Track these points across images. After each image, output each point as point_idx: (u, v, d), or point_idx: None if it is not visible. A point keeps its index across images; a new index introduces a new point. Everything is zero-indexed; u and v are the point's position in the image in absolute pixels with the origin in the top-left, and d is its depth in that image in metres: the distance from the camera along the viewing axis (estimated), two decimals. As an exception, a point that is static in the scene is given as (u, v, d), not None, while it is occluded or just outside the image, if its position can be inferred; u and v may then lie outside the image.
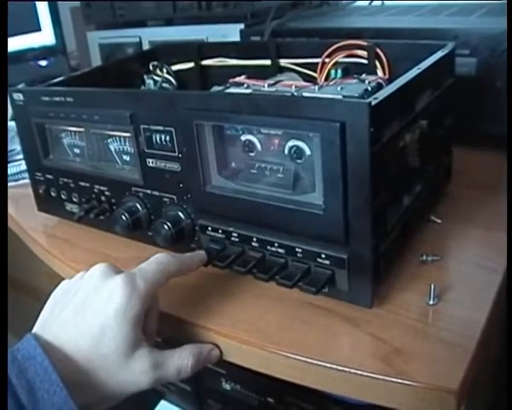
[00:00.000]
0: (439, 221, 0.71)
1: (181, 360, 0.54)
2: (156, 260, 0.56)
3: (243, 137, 0.58)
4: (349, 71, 0.76)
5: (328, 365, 0.51)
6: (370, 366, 0.50)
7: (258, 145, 0.58)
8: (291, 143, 0.55)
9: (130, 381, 0.51)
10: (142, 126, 0.64)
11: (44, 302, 0.57)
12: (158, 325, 0.57)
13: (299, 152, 0.55)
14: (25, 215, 0.89)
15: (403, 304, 0.57)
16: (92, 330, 0.50)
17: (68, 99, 0.71)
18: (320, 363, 0.52)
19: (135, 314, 0.51)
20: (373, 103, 0.49)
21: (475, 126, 0.85)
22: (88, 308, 0.51)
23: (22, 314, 1.77)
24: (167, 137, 0.63)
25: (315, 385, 0.55)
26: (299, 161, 0.55)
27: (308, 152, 0.54)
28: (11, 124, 1.09)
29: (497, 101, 0.85)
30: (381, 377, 0.49)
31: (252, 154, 0.58)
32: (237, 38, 1.11)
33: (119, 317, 0.50)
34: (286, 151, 0.56)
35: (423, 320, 0.55)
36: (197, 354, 0.55)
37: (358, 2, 1.33)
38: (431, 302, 0.56)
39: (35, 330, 0.53)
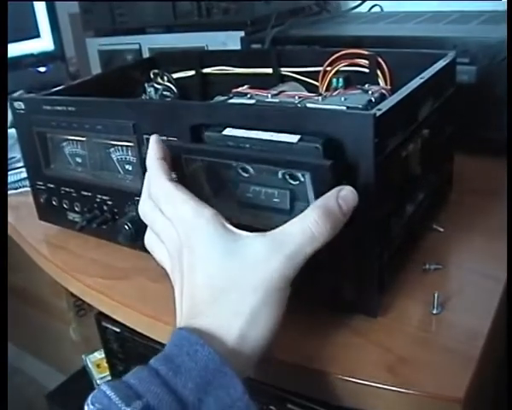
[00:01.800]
0: (442, 229, 0.71)
1: (304, 220, 0.46)
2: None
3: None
4: (350, 80, 0.76)
5: (334, 374, 0.52)
6: (375, 375, 0.50)
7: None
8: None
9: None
10: (145, 136, 0.65)
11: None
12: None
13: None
14: (25, 224, 0.89)
15: (407, 313, 0.58)
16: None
17: (70, 108, 0.71)
18: (325, 372, 0.52)
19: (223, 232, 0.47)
20: (377, 115, 0.49)
21: (476, 133, 0.85)
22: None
23: (22, 322, 1.78)
24: (171, 147, 0.63)
25: (319, 395, 0.55)
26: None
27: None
28: (11, 131, 1.09)
29: (498, 108, 0.85)
30: (386, 386, 0.49)
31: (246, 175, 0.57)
32: (238, 45, 1.11)
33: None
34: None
35: (427, 329, 0.55)
36: (322, 205, 0.47)
37: (357, 9, 1.33)
38: (434, 311, 0.57)
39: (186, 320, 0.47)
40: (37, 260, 0.83)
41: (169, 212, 0.50)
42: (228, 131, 0.54)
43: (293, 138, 0.50)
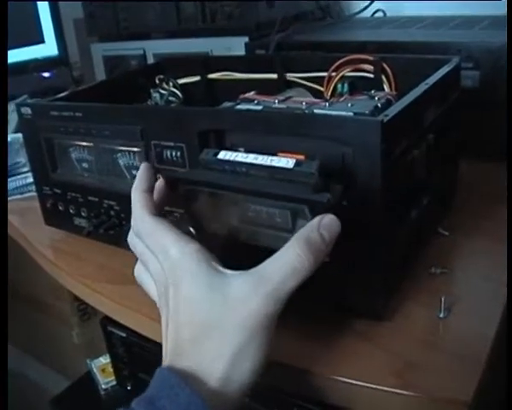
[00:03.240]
0: (447, 233, 0.71)
1: (286, 254, 0.45)
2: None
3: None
4: (355, 85, 0.76)
5: (341, 379, 0.52)
6: (383, 379, 0.51)
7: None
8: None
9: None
10: (152, 142, 0.65)
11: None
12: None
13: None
14: (31, 229, 0.90)
15: (413, 317, 0.58)
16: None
17: (77, 114, 0.72)
18: (333, 377, 0.52)
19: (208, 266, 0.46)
20: (384, 121, 0.49)
21: (480, 138, 0.86)
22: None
23: (25, 326, 1.78)
24: (178, 153, 0.63)
25: (327, 400, 0.55)
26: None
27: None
28: (16, 136, 1.10)
29: (501, 112, 0.86)
30: (394, 390, 0.50)
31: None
32: (242, 51, 1.12)
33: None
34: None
35: (434, 333, 0.56)
36: (304, 237, 0.46)
37: (360, 14, 1.33)
38: (441, 315, 0.57)
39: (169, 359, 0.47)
40: (44, 264, 0.83)
41: (153, 247, 0.49)
42: (222, 155, 0.52)
43: (290, 164, 0.48)
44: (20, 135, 0.88)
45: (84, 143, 0.74)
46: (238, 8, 1.16)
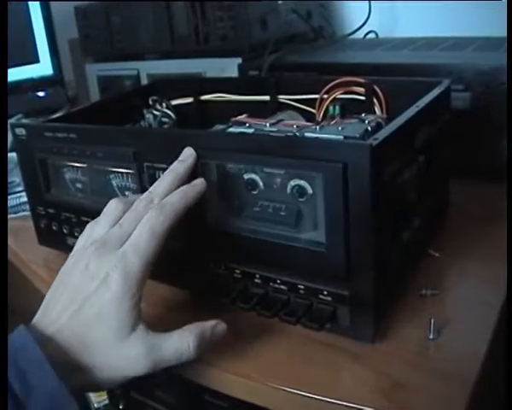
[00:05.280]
0: (438, 255, 0.72)
1: (181, 342, 0.53)
2: (147, 226, 0.54)
3: (246, 176, 0.59)
4: (346, 107, 0.77)
5: (330, 400, 0.52)
6: (372, 400, 0.51)
7: (261, 184, 0.58)
8: (293, 182, 0.56)
9: (126, 365, 0.52)
10: (145, 164, 0.65)
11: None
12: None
13: (301, 191, 0.56)
14: (25, 248, 0.90)
15: (403, 338, 0.58)
16: (88, 317, 0.51)
17: (71, 135, 0.72)
18: (322, 398, 0.52)
19: (130, 298, 0.51)
20: (374, 144, 0.50)
21: (471, 159, 0.86)
22: (84, 295, 0.52)
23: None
24: (171, 175, 0.63)
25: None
26: (301, 199, 0.56)
27: (310, 191, 0.55)
28: (10, 155, 1.10)
29: (492, 134, 0.87)
30: (382, 411, 0.50)
31: (254, 192, 0.59)
32: (235, 72, 1.12)
33: (114, 304, 0.51)
34: (288, 190, 0.56)
35: (424, 354, 0.56)
36: (199, 333, 0.54)
37: (353, 36, 1.35)
38: (431, 336, 0.57)
39: (38, 313, 0.55)
40: (37, 283, 0.83)
41: (132, 223, 0.55)
42: None
43: None
44: (14, 154, 0.88)
45: (78, 164, 0.75)
46: (231, 30, 1.17)
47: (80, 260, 0.55)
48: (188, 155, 0.60)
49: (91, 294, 0.52)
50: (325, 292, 0.56)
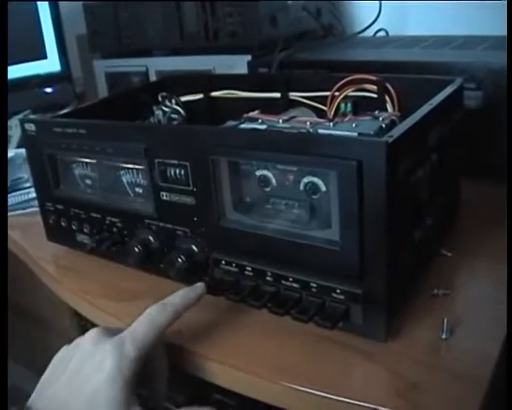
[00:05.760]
0: (450, 254, 0.71)
1: None
2: (147, 318, 0.57)
3: (258, 173, 0.59)
4: (358, 105, 0.77)
5: (344, 399, 0.52)
6: (387, 400, 0.50)
7: (274, 180, 0.58)
8: (306, 179, 0.55)
9: None
10: (156, 160, 0.65)
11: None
12: (166, 386, 0.59)
13: (314, 188, 0.55)
14: (33, 244, 0.89)
15: (415, 338, 0.58)
16: (85, 395, 0.52)
17: (81, 131, 0.72)
18: (335, 397, 0.52)
19: (125, 379, 0.52)
20: (389, 141, 0.50)
21: (482, 159, 0.86)
22: (81, 374, 0.53)
23: (25, 341, 1.77)
24: (182, 172, 0.63)
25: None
26: (314, 196, 0.56)
27: (323, 188, 0.55)
28: (19, 151, 1.10)
29: (504, 133, 0.86)
30: (397, 411, 0.49)
31: (267, 189, 0.59)
32: (244, 69, 1.12)
33: (110, 382, 0.52)
34: (301, 187, 0.56)
35: (437, 354, 0.56)
36: None
37: (363, 34, 1.34)
38: (444, 336, 0.57)
39: (33, 395, 0.55)
40: (45, 279, 0.83)
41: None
42: None
43: None
44: (22, 150, 0.88)
45: (88, 160, 0.74)
46: (241, 27, 1.17)
47: (80, 343, 0.57)
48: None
49: (88, 372, 0.53)
50: (338, 290, 0.56)
